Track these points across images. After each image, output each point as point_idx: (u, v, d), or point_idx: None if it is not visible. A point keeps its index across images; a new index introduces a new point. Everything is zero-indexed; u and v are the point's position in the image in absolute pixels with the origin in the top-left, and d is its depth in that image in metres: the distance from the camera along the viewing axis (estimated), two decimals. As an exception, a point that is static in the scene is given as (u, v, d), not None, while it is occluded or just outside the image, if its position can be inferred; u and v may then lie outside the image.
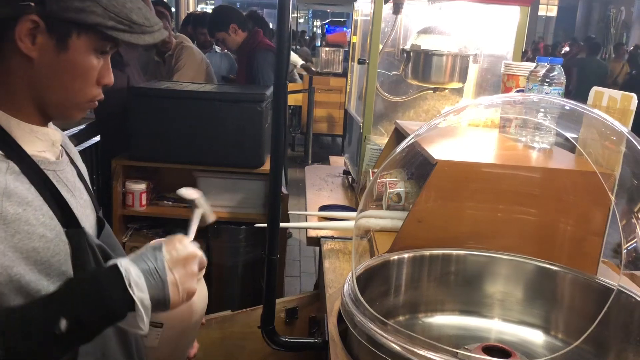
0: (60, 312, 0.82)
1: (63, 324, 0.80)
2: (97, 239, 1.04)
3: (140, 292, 0.86)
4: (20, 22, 0.86)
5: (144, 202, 2.85)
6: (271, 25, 5.21)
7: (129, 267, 0.87)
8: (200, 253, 0.97)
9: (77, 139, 2.99)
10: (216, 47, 4.43)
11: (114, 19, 0.89)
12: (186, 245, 0.95)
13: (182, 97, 2.72)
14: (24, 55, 0.88)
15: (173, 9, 9.00)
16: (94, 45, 0.91)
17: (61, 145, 1.02)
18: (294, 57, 6.48)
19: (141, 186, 2.82)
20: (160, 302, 0.89)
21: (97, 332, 0.87)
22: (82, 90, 0.94)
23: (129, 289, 0.85)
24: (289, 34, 1.15)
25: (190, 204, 1.17)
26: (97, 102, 0.98)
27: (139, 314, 0.86)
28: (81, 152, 2.93)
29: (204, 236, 2.91)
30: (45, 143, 0.96)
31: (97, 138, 3.11)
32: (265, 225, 1.41)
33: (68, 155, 1.07)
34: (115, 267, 0.87)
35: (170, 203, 2.91)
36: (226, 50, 4.39)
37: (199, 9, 12.35)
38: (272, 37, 4.05)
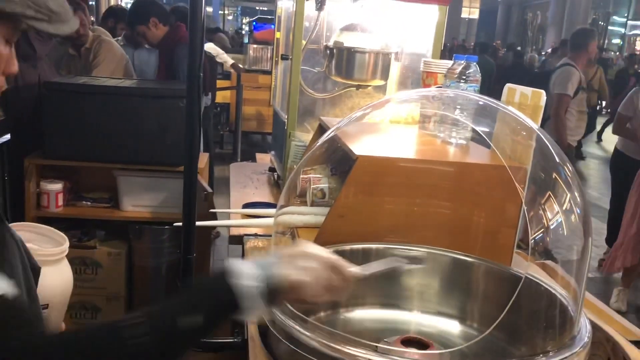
0: (185, 310, 0.86)
1: (195, 319, 0.85)
2: None
3: (244, 276, 0.88)
4: None
5: (60, 202, 2.71)
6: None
7: (237, 263, 0.89)
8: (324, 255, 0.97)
9: (-15, 136, 2.81)
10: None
11: (32, 7, 0.84)
12: (305, 245, 0.98)
13: (100, 93, 2.62)
14: None
15: (92, 2, 8.63)
16: (7, 34, 0.86)
17: None
18: (225, 57, 6.36)
19: (57, 186, 2.69)
20: (270, 286, 0.89)
21: (221, 321, 0.90)
22: None
23: (232, 279, 0.87)
24: (202, 26, 1.12)
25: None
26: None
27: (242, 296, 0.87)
28: (-10, 151, 2.79)
29: (125, 237, 2.81)
30: None
31: (7, 136, 2.93)
32: (181, 224, 1.37)
33: None
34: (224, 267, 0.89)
35: (88, 203, 2.79)
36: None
37: (123, 3, 11.93)
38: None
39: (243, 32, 13.43)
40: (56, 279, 1.18)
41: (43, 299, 1.12)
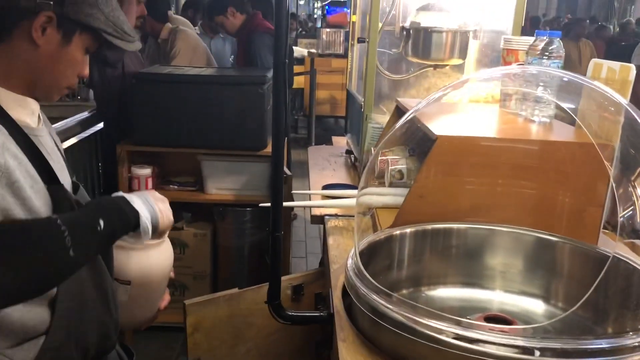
0: (98, 216, 1.05)
1: (101, 223, 1.04)
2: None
3: (142, 211, 1.13)
4: (38, 15, 1.03)
5: (150, 186, 2.87)
6: None
7: (132, 196, 1.14)
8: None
9: (80, 126, 3.01)
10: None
11: (111, 27, 1.11)
12: (156, 193, 1.23)
13: (183, 82, 2.74)
14: (32, 42, 1.05)
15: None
16: (88, 44, 1.11)
17: (39, 117, 1.17)
18: (298, 49, 6.46)
19: (146, 171, 2.85)
20: (154, 224, 1.15)
21: (117, 237, 1.11)
22: (67, 77, 1.13)
23: (135, 206, 1.12)
24: (287, 13, 1.17)
25: None
26: (69, 90, 1.19)
27: (143, 227, 1.12)
28: (85, 139, 2.99)
29: (210, 219, 2.95)
30: (27, 111, 1.10)
31: (101, 125, 3.13)
32: (269, 204, 1.43)
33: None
34: (122, 195, 1.13)
35: (175, 187, 2.94)
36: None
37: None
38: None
39: (315, 16, 13.48)
40: (143, 261, 1.26)
41: (125, 277, 1.25)
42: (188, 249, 2.91)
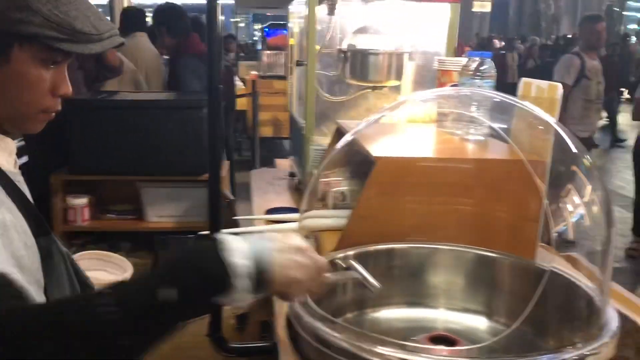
0: (163, 283, 0.80)
1: (172, 293, 0.79)
2: None
3: (240, 259, 0.82)
4: None
5: (86, 216, 2.77)
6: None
7: (229, 237, 0.85)
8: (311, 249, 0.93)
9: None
10: None
11: (54, 28, 0.86)
12: (296, 238, 0.93)
13: (119, 107, 2.68)
14: None
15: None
16: (39, 55, 0.88)
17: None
18: None
19: (83, 200, 2.75)
20: (258, 281, 0.84)
21: (205, 301, 0.86)
22: (33, 102, 0.91)
23: (224, 252, 0.81)
24: (219, 37, 1.16)
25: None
26: (53, 114, 0.95)
27: (236, 287, 0.82)
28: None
29: (151, 248, 2.86)
30: (6, 153, 0.94)
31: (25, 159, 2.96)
32: (208, 232, 1.40)
33: None
34: (214, 238, 0.85)
35: (113, 216, 2.85)
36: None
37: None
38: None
39: (255, 38, 13.56)
40: None
41: None
42: (129, 280, 2.81)
